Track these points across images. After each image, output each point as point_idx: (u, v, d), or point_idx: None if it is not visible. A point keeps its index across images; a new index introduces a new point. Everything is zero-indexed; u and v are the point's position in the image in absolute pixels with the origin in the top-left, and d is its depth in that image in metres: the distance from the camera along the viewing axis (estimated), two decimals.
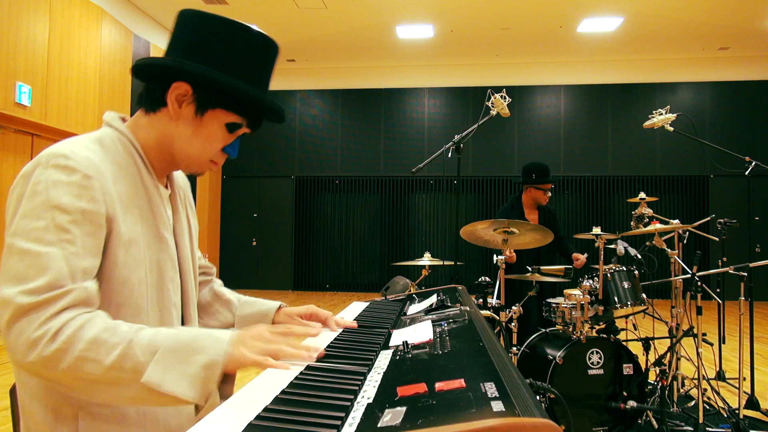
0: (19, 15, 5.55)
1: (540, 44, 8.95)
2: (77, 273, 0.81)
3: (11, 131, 5.64)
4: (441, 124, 9.84)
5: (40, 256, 0.79)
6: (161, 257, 0.99)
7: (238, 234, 10.17)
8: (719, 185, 9.22)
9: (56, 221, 0.81)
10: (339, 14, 7.81)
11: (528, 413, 0.52)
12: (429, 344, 0.90)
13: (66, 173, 0.85)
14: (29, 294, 0.77)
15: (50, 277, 0.78)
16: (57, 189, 0.83)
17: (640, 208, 3.02)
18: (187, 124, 0.99)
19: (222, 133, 1.01)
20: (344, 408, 0.64)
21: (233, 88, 0.97)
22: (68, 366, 0.76)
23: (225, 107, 0.99)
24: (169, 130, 1.00)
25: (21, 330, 0.76)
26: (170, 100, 0.97)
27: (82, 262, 0.82)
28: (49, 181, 0.83)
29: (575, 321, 2.67)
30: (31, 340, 0.75)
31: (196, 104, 0.98)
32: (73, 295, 0.80)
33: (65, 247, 0.81)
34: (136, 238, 0.93)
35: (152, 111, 1.00)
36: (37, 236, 0.80)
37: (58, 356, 0.76)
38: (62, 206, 0.83)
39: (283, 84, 10.26)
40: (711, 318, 5.62)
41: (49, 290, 0.78)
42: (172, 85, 0.96)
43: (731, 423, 2.69)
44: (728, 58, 9.37)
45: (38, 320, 0.76)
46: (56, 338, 0.76)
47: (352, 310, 1.42)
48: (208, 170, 1.07)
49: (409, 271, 8.98)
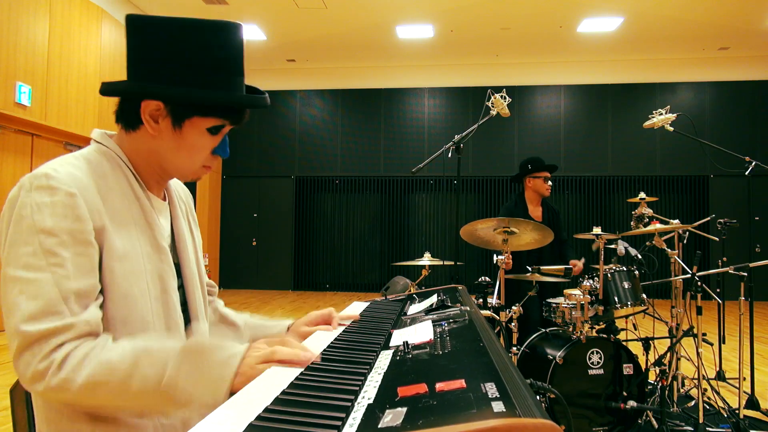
0: (19, 15, 5.55)
1: (540, 44, 8.95)
2: (69, 296, 0.81)
3: (11, 131, 5.64)
4: (441, 124, 9.85)
5: (29, 283, 0.79)
6: (162, 268, 0.97)
7: (238, 234, 10.18)
8: (719, 185, 9.22)
9: (43, 246, 0.81)
10: (339, 14, 7.81)
11: (529, 413, 0.52)
12: (429, 344, 0.90)
13: (49, 194, 0.84)
14: (29, 322, 0.78)
15: (42, 303, 0.79)
16: (41, 212, 0.82)
17: (640, 208, 3.02)
18: (168, 138, 0.97)
19: (206, 139, 0.98)
20: (345, 408, 0.64)
21: (204, 98, 0.94)
22: (78, 392, 0.78)
23: (201, 114, 0.96)
24: (153, 146, 0.98)
25: (27, 362, 0.78)
26: (145, 119, 0.95)
27: (73, 284, 0.82)
28: (33, 205, 0.83)
29: (575, 321, 2.67)
30: (38, 371, 0.77)
31: (172, 118, 0.95)
32: (74, 331, 0.80)
33: (54, 270, 0.81)
34: (133, 251, 0.92)
35: (132, 129, 0.98)
36: (26, 262, 0.80)
37: (65, 385, 0.77)
38: (47, 229, 0.82)
39: (283, 84, 10.26)
40: (711, 318, 5.62)
41: (46, 317, 0.78)
42: (141, 104, 0.94)
43: (731, 423, 2.70)
44: (728, 58, 9.37)
45: (42, 352, 0.78)
46: (62, 368, 0.78)
47: (352, 310, 1.42)
48: (204, 174, 1.05)
49: (409, 271, 8.99)
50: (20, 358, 0.78)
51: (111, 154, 0.97)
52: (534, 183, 3.56)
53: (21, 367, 0.78)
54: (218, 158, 1.04)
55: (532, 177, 3.55)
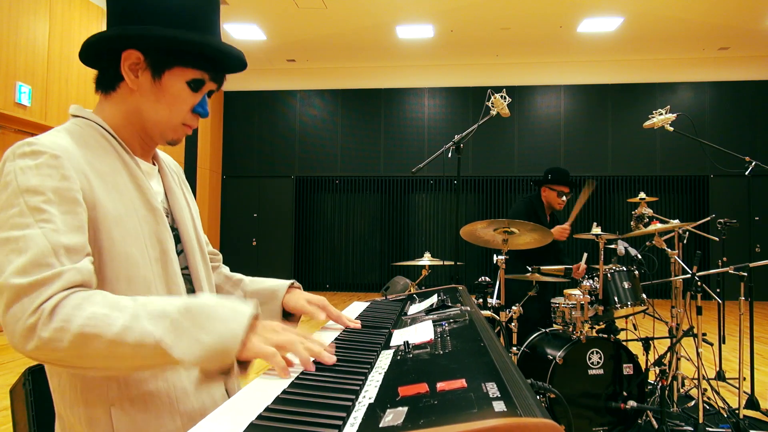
0: (19, 15, 5.55)
1: (540, 44, 8.95)
2: (59, 249, 0.78)
3: (11, 131, 5.64)
4: (441, 124, 9.85)
5: (18, 240, 0.77)
6: (159, 230, 0.96)
7: (238, 234, 10.18)
8: (719, 185, 9.23)
9: (29, 204, 0.79)
10: (339, 14, 7.81)
11: (530, 413, 0.52)
12: (430, 344, 0.90)
13: (32, 157, 0.83)
14: (17, 275, 0.74)
15: (32, 255, 0.75)
16: (25, 174, 0.81)
17: (640, 208, 3.02)
18: (148, 92, 0.96)
19: (186, 93, 0.97)
20: (346, 408, 0.64)
21: (183, 40, 0.93)
22: (70, 344, 0.73)
23: (182, 64, 0.95)
24: (133, 104, 0.97)
25: (16, 316, 0.73)
26: (125, 72, 0.94)
27: (62, 238, 0.79)
28: (17, 169, 0.82)
29: (575, 321, 2.67)
30: (27, 326, 0.72)
31: (151, 69, 0.94)
32: (65, 278, 0.76)
33: (42, 225, 0.78)
34: (126, 214, 0.91)
35: (111, 89, 0.97)
36: (13, 223, 0.78)
37: (56, 336, 0.72)
38: (32, 188, 0.80)
39: (283, 84, 10.26)
40: (711, 318, 5.62)
41: (35, 269, 0.75)
42: (122, 56, 0.93)
43: (731, 423, 2.69)
44: (728, 58, 9.38)
45: (32, 305, 0.73)
46: (52, 317, 0.73)
47: (353, 310, 1.42)
48: (184, 135, 1.03)
49: (409, 271, 8.99)
50: (8, 314, 0.73)
51: (90, 124, 0.96)
52: (548, 194, 3.57)
53: (10, 325, 0.73)
54: (197, 118, 1.02)
55: (549, 188, 3.55)
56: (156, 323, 0.75)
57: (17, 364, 4.23)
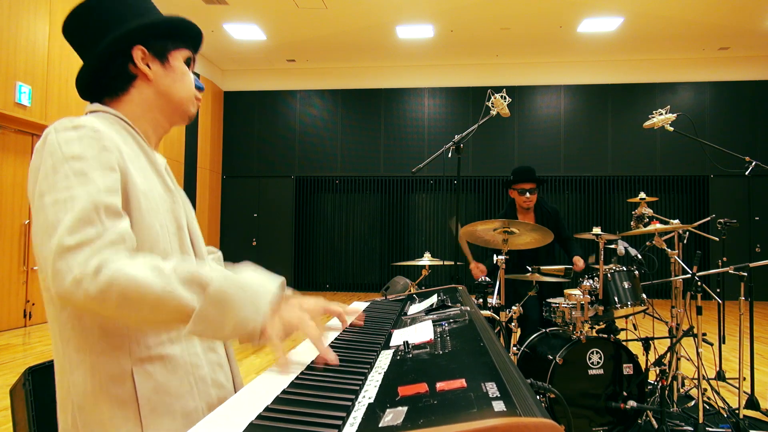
0: (19, 15, 5.55)
1: (540, 44, 8.95)
2: (100, 208, 0.84)
3: (11, 131, 5.64)
4: (441, 124, 9.85)
5: (65, 201, 0.84)
6: (175, 208, 1.04)
7: (238, 234, 10.18)
8: (719, 185, 9.23)
9: (73, 168, 0.87)
10: (339, 14, 7.81)
11: (529, 413, 0.52)
12: (430, 344, 0.90)
13: (75, 131, 0.90)
14: (67, 233, 0.80)
15: (78, 213, 0.82)
16: (69, 144, 0.89)
17: (640, 208, 3.02)
18: (164, 77, 1.06)
19: (186, 69, 1.10)
20: (345, 408, 0.64)
21: (168, 23, 1.05)
22: (116, 301, 0.79)
23: (174, 46, 1.07)
24: (153, 93, 1.06)
25: (64, 271, 0.79)
26: (141, 66, 1.03)
27: (103, 198, 0.85)
28: (61, 141, 0.89)
29: (575, 321, 2.67)
30: (76, 278, 0.78)
31: (158, 56, 1.05)
32: (108, 238, 0.83)
33: (86, 186, 0.85)
34: (151, 189, 0.98)
35: (123, 91, 1.05)
36: (61, 186, 0.85)
37: (104, 293, 0.79)
38: (76, 155, 0.88)
39: (283, 84, 10.26)
40: (711, 318, 5.63)
41: (82, 225, 0.81)
42: (132, 54, 1.02)
43: (731, 423, 2.69)
44: (728, 58, 9.38)
45: (79, 258, 0.79)
46: (99, 276, 0.79)
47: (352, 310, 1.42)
48: (197, 108, 1.15)
49: (409, 271, 8.99)
50: (57, 267, 0.79)
51: (113, 117, 1.03)
52: (514, 196, 3.52)
53: (58, 278, 0.79)
54: (200, 92, 1.15)
55: (512, 189, 3.51)
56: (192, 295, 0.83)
57: (17, 364, 4.23)
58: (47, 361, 1.08)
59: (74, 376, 0.91)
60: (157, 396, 0.92)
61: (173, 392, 0.94)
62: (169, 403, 0.93)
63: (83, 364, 0.91)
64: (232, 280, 0.85)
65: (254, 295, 0.87)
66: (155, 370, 0.93)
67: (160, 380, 0.93)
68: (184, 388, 0.95)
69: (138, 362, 0.92)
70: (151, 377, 0.92)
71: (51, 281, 0.80)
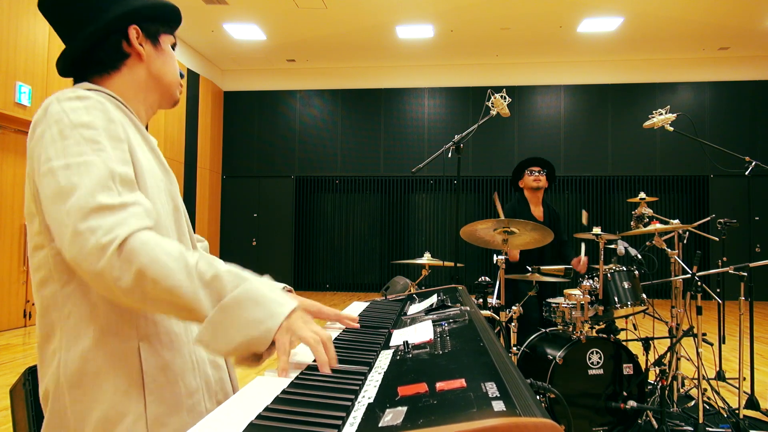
0: (19, 15, 5.55)
1: (540, 44, 8.95)
2: (116, 176, 0.83)
3: (11, 131, 5.64)
4: (441, 124, 9.85)
5: (80, 166, 0.81)
6: (171, 188, 1.03)
7: (238, 234, 10.18)
8: (719, 185, 9.23)
9: (84, 135, 0.85)
10: (339, 14, 7.81)
11: (529, 413, 0.52)
12: (429, 344, 0.90)
13: (80, 100, 0.89)
14: (89, 196, 0.78)
15: (96, 178, 0.80)
16: (75, 112, 0.87)
17: (640, 208, 3.02)
18: (155, 58, 1.07)
19: (173, 53, 1.12)
20: (345, 408, 0.64)
21: (163, 7, 1.07)
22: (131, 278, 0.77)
23: (163, 30, 1.09)
24: (144, 73, 1.06)
25: (91, 230, 0.77)
26: (135, 45, 1.03)
27: (118, 167, 0.84)
28: (67, 109, 0.87)
29: (575, 321, 2.67)
30: (101, 244, 0.76)
31: (151, 38, 1.06)
32: (132, 210, 0.81)
33: (99, 154, 0.84)
34: (151, 168, 0.98)
35: (114, 69, 1.03)
36: (73, 151, 0.83)
37: (123, 266, 0.77)
38: (85, 123, 0.86)
39: (283, 84, 10.26)
40: (711, 318, 5.63)
41: (101, 190, 0.79)
42: (128, 33, 1.02)
43: (731, 423, 2.69)
44: (728, 58, 9.38)
45: (105, 223, 0.77)
46: (123, 247, 0.77)
47: (353, 310, 1.42)
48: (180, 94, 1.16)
49: (409, 271, 8.99)
50: (80, 229, 0.77)
51: (106, 96, 1.00)
52: (525, 180, 3.55)
53: (79, 240, 0.77)
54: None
55: (522, 175, 3.55)
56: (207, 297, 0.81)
57: (17, 364, 4.23)
58: None
59: (71, 353, 0.89)
60: (162, 373, 0.92)
61: (177, 370, 0.94)
62: (173, 380, 0.93)
63: (85, 340, 0.89)
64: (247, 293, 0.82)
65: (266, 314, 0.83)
66: (162, 347, 0.93)
67: (165, 357, 0.93)
68: (186, 366, 0.95)
69: (145, 338, 0.91)
70: (157, 354, 0.92)
71: (68, 244, 0.78)
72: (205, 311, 0.80)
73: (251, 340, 0.80)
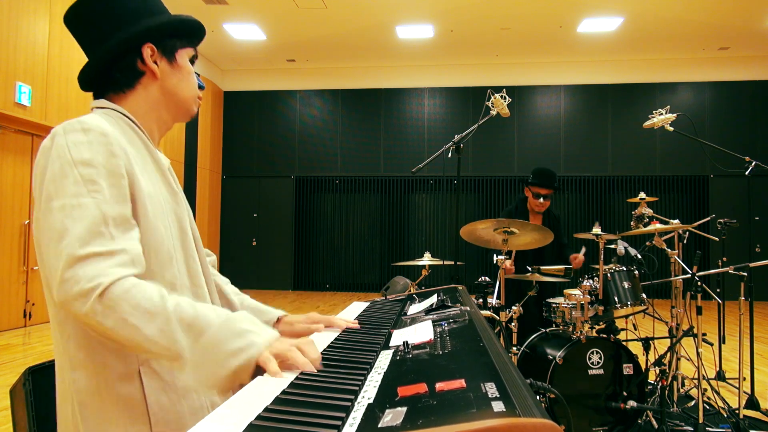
0: (19, 15, 5.55)
1: (540, 44, 8.95)
2: (109, 219, 0.85)
3: (11, 131, 5.64)
4: (441, 124, 9.84)
5: (74, 208, 0.84)
6: (178, 210, 1.04)
7: (238, 234, 10.17)
8: (719, 185, 9.22)
9: (82, 175, 0.87)
10: (339, 14, 7.81)
11: (529, 413, 0.52)
12: (429, 344, 0.90)
13: (83, 134, 0.91)
14: (77, 243, 0.82)
15: (88, 223, 0.83)
16: (77, 147, 0.89)
17: (640, 208, 3.02)
18: (171, 75, 1.07)
19: (191, 68, 1.12)
20: (345, 408, 0.64)
21: (180, 22, 1.07)
22: (113, 324, 0.81)
23: (181, 45, 1.09)
24: (158, 91, 1.07)
25: (75, 279, 0.80)
26: (149, 63, 1.04)
27: (112, 209, 0.87)
28: (70, 143, 0.89)
29: (575, 321, 2.67)
30: (84, 290, 0.80)
31: (166, 54, 1.06)
32: (118, 258, 0.84)
33: (95, 196, 0.86)
34: (155, 192, 0.99)
35: (129, 87, 1.05)
36: (68, 191, 0.86)
37: (104, 312, 0.80)
38: (85, 161, 0.88)
39: (283, 84, 10.26)
40: (711, 318, 5.63)
41: (91, 237, 0.83)
42: (143, 52, 1.03)
43: (731, 423, 2.69)
44: (728, 58, 9.37)
45: (89, 272, 0.80)
46: (104, 296, 0.80)
47: (353, 310, 1.42)
48: (198, 106, 1.16)
49: (409, 271, 8.99)
50: (66, 277, 0.80)
51: (118, 115, 1.03)
52: (529, 195, 3.53)
53: (65, 287, 0.80)
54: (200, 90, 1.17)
55: (528, 188, 3.52)
56: (186, 338, 0.84)
57: (17, 364, 4.23)
58: (47, 361, 1.08)
59: (77, 374, 0.91)
60: (165, 394, 0.92)
61: (180, 390, 0.94)
62: (176, 400, 0.93)
63: (87, 363, 0.90)
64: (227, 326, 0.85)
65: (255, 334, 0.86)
66: (161, 369, 0.93)
67: (167, 378, 0.93)
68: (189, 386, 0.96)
69: (145, 361, 0.92)
70: (158, 375, 0.93)
71: (56, 288, 0.81)
72: (186, 355, 0.83)
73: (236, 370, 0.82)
